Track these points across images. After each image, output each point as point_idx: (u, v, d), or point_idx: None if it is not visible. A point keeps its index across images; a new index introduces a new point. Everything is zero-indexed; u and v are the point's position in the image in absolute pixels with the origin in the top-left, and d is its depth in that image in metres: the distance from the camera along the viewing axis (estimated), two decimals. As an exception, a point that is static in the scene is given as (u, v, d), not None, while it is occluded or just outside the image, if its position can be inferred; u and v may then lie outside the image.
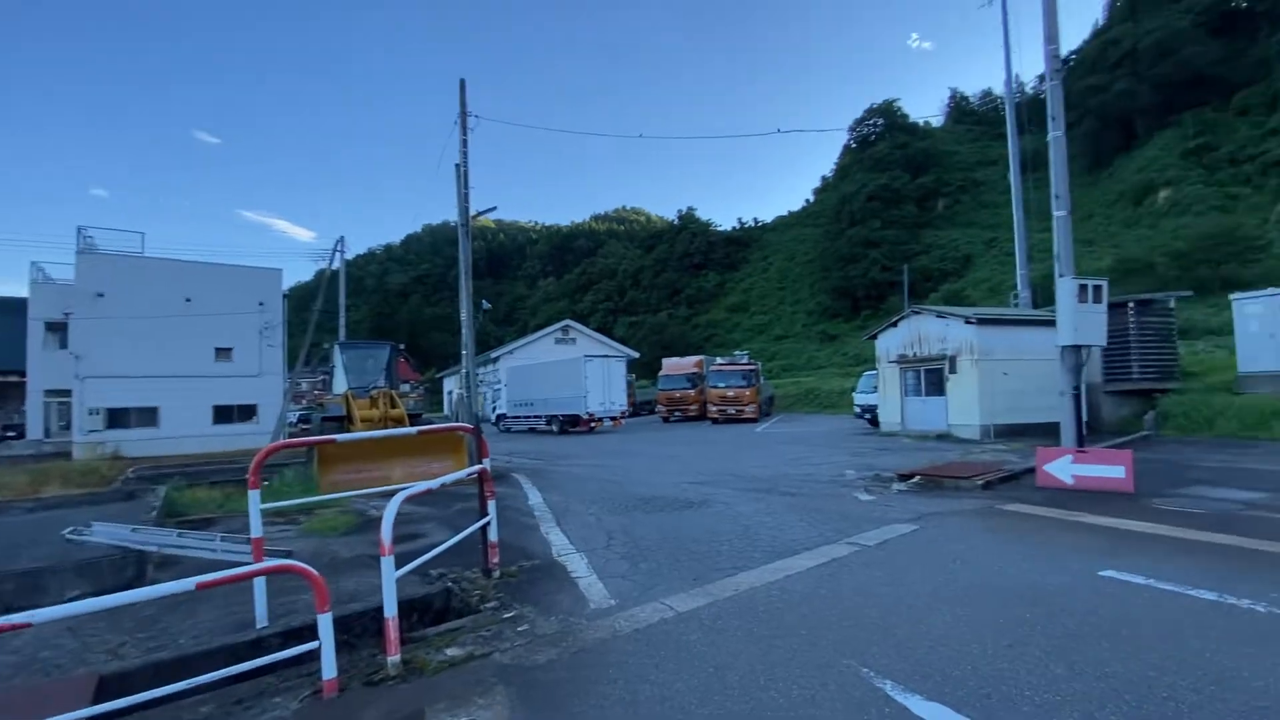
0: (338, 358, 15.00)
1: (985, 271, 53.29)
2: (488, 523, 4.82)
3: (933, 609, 3.91)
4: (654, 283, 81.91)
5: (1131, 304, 15.33)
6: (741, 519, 6.72)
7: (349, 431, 11.56)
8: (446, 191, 19.20)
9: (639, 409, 34.52)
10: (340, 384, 14.38)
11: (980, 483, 7.86)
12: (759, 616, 3.91)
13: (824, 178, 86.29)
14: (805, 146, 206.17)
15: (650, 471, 11.36)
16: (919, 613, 3.86)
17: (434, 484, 4.16)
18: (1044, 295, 20.88)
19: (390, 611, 3.35)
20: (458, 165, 13.80)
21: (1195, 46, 55.65)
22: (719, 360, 27.29)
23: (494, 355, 36.07)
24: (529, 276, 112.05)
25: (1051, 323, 15.65)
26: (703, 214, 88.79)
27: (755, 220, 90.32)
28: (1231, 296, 15.70)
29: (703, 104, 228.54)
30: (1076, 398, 8.15)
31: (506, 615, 4.15)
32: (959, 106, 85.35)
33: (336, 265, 27.58)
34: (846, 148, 77.94)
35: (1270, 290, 15.38)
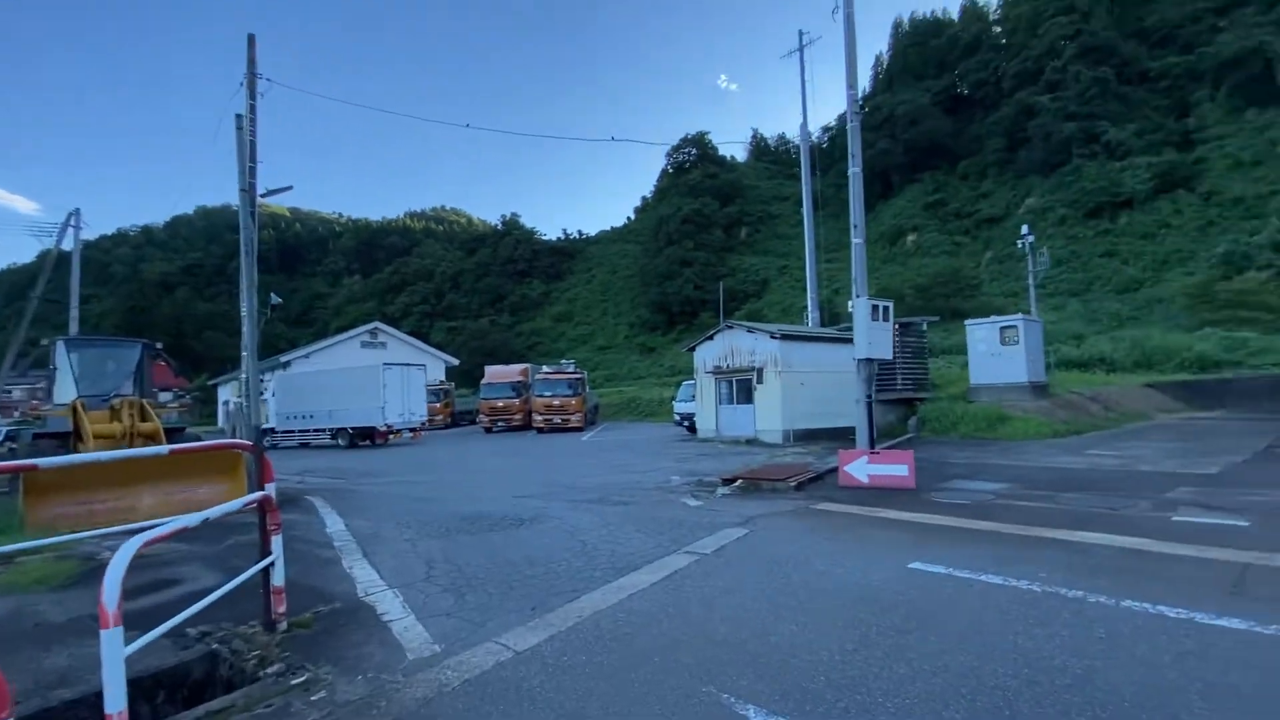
0: (63, 358, 11.74)
1: (779, 295, 59.62)
2: (271, 563, 3.85)
3: (777, 617, 3.89)
4: (475, 287, 78.81)
5: (896, 326, 17.94)
6: (578, 534, 6.35)
7: (78, 451, 9.05)
8: (227, 168, 16.21)
9: (458, 419, 32.58)
10: (66, 391, 11.26)
11: (793, 484, 8.42)
12: (608, 646, 3.56)
13: (644, 198, 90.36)
14: (627, 168, 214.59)
15: (474, 486, 10.52)
16: (765, 622, 3.81)
17: (193, 519, 3.14)
18: (828, 317, 23.78)
19: (115, 705, 2.38)
20: (240, 121, 11.61)
21: (933, 120, 68.35)
22: (545, 369, 26.80)
23: (286, 359, 31.66)
24: (331, 273, 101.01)
25: (839, 340, 17.77)
26: (526, 222, 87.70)
27: (580, 232, 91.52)
28: (966, 322, 19.10)
29: (531, 114, 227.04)
30: (869, 405, 9.15)
31: (296, 681, 3.28)
32: (759, 146, 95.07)
33: (69, 245, 22.10)
34: (664, 172, 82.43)
35: (993, 318, 19.03)
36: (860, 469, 8.42)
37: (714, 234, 67.79)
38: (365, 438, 21.38)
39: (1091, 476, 8.62)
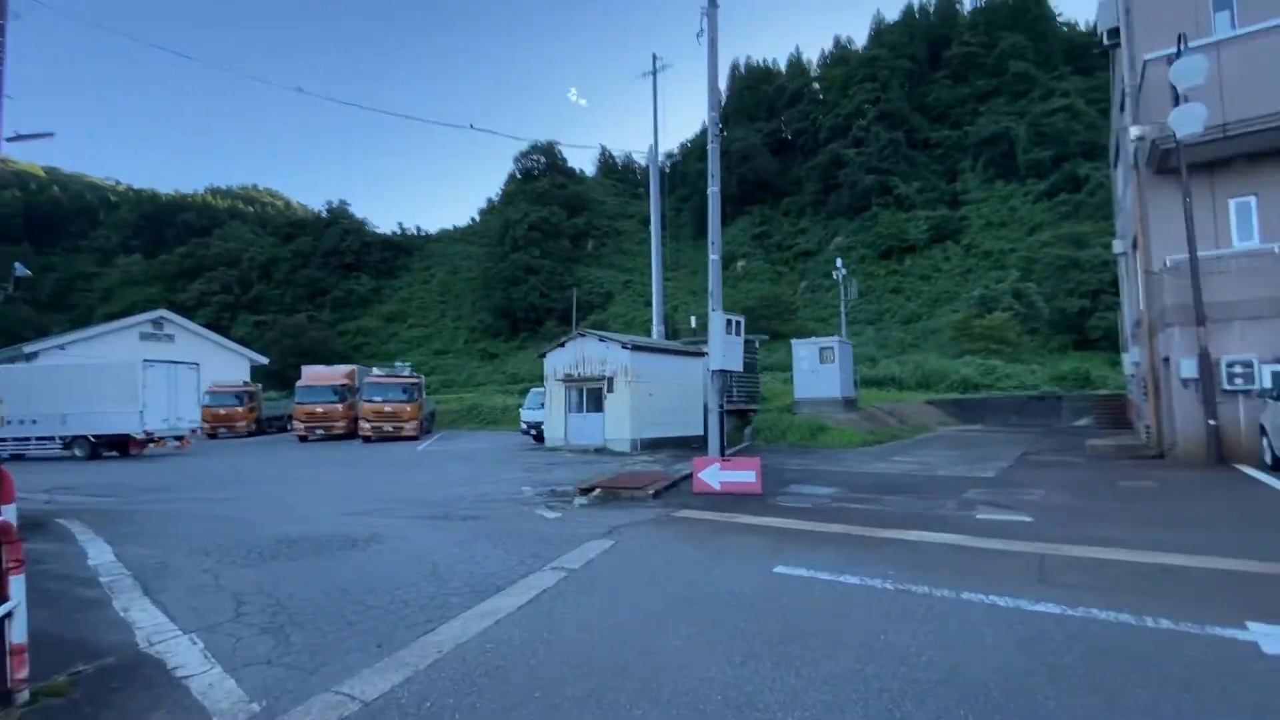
0: None
1: (623, 308, 61.05)
2: (9, 612, 2.82)
3: (660, 633, 3.71)
4: (291, 278, 70.32)
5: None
6: (426, 555, 5.66)
7: None
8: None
9: (264, 425, 28.51)
10: None
11: (652, 492, 8.41)
12: (479, 684, 3.10)
13: (490, 200, 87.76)
14: (472, 167, 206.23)
15: (294, 503, 9.09)
16: (649, 640, 3.60)
17: None
18: (670, 332, 24.70)
19: None
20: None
21: (762, 159, 74.88)
22: (376, 371, 24.43)
23: (32, 350, 25.53)
24: (101, 250, 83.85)
25: (685, 353, 18.46)
26: (356, 211, 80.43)
27: (419, 228, 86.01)
28: (792, 342, 20.92)
29: (372, 98, 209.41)
30: (722, 414, 9.48)
31: (39, 778, 2.38)
32: (606, 163, 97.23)
33: None
34: (512, 176, 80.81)
35: (813, 339, 21.05)
36: (713, 476, 8.65)
37: (561, 243, 67.69)
38: (115, 447, 17.77)
39: (903, 480, 9.74)
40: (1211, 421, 10.15)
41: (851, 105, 72.88)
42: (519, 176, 78.46)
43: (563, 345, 17.20)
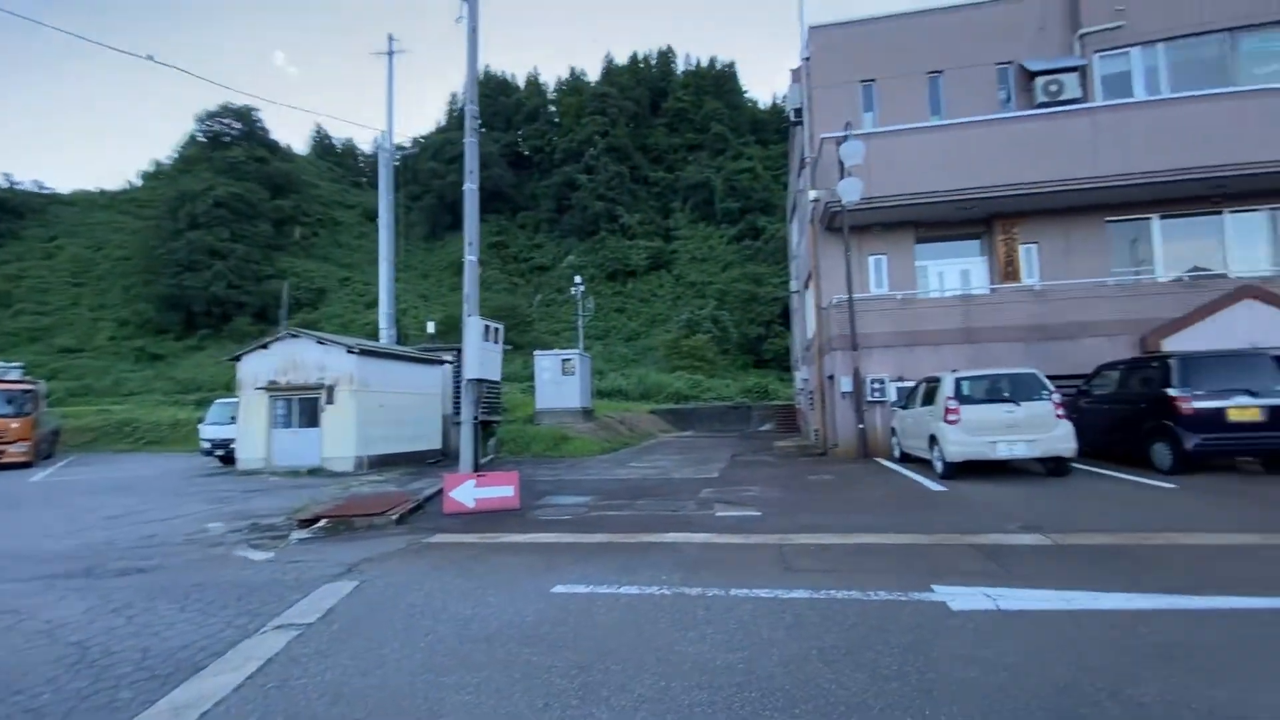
0: None
1: (339, 307, 54.34)
2: None
3: (441, 688, 3.12)
4: None
5: (455, 351, 18.39)
6: (65, 632, 3.96)
7: None
8: None
9: None
10: None
11: (394, 517, 7.37)
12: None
13: (158, 162, 70.17)
14: (132, 119, 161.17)
15: None
16: (431, 700, 3.00)
17: None
18: (400, 335, 22.70)
19: None
20: None
21: (500, 169, 74.58)
22: (-50, 374, 17.19)
23: None
24: None
25: (421, 360, 17.05)
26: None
27: (40, 185, 64.26)
28: (535, 353, 20.98)
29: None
30: (476, 426, 8.85)
31: None
32: (322, 143, 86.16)
33: None
34: (193, 139, 66.06)
35: (556, 351, 21.41)
36: (467, 493, 7.99)
37: (260, 227, 57.32)
38: None
39: (646, 485, 10.34)
40: (860, 426, 13.06)
41: (584, 134, 77.31)
42: (203, 140, 64.47)
43: (266, 347, 14.35)
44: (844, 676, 3.09)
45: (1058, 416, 8.80)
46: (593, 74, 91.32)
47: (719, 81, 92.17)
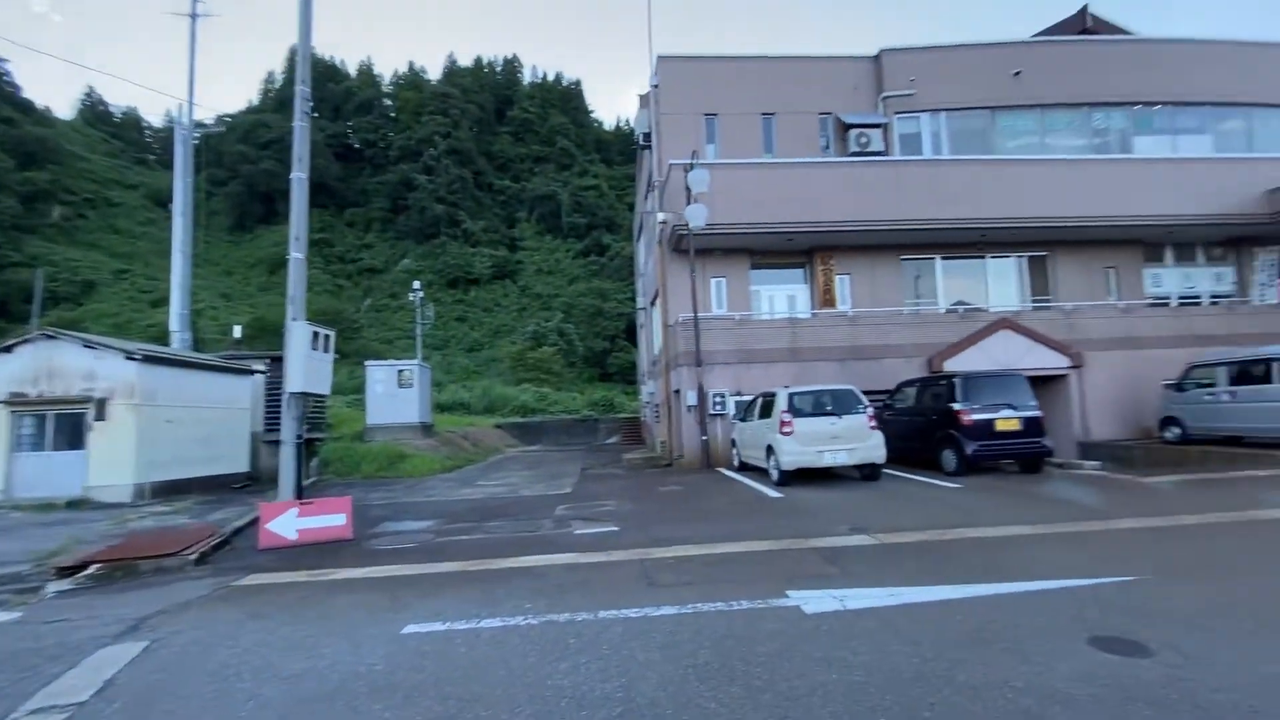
0: None
1: (113, 304, 45.64)
2: None
3: (275, 764, 2.62)
4: None
5: (268, 360, 16.36)
6: None
7: None
8: None
9: None
10: None
11: (192, 556, 6.19)
12: None
13: None
14: None
15: None
16: (261, 782, 2.50)
17: None
18: (195, 340, 19.64)
19: None
20: None
21: (325, 160, 68.13)
22: None
23: None
24: None
25: (222, 369, 14.77)
26: None
27: None
28: (367, 363, 19.24)
29: None
30: (300, 447, 7.80)
31: None
32: (94, 109, 72.30)
33: None
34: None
35: (391, 362, 19.85)
36: (288, 524, 6.98)
37: (5, 202, 46.35)
38: None
39: (496, 505, 9.86)
40: (704, 438, 13.72)
41: (424, 132, 73.50)
42: (-90, 86, 50.90)
43: (9, 350, 11.45)
44: (721, 692, 3.12)
45: (871, 428, 9.97)
46: (433, 72, 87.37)
47: (565, 98, 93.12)
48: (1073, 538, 5.91)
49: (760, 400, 11.34)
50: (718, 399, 13.95)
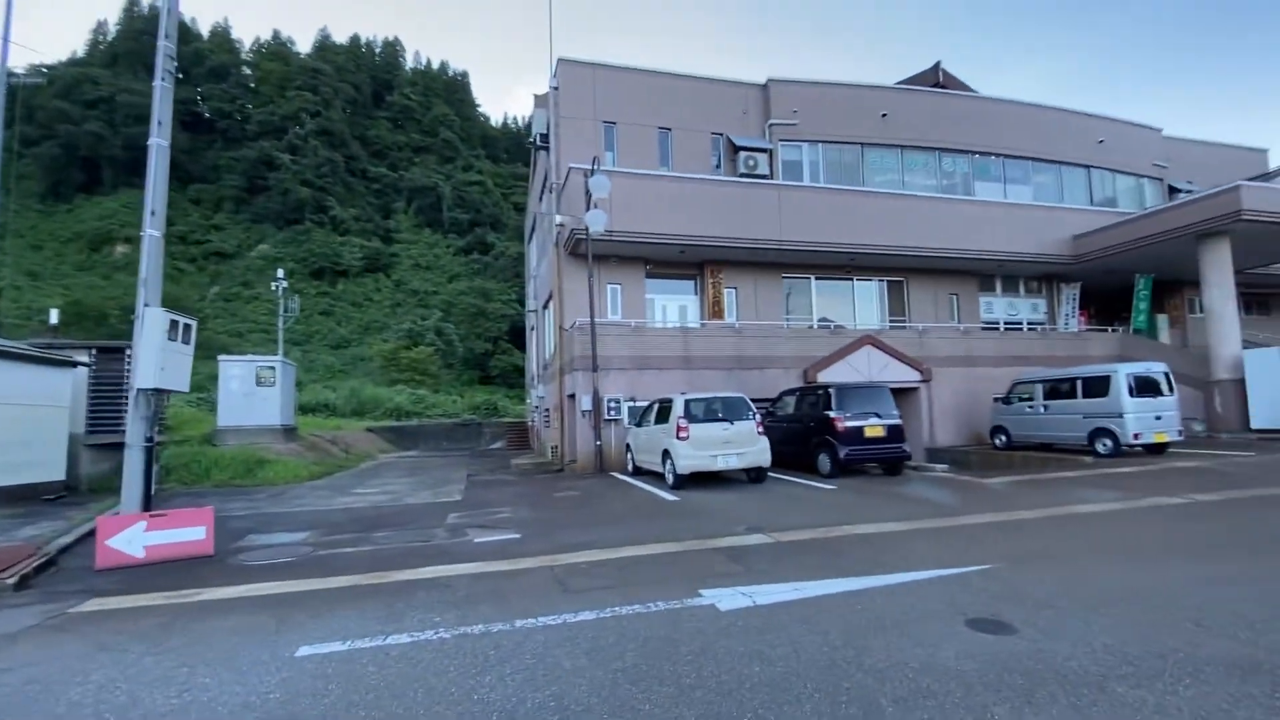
0: None
1: None
2: None
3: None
4: None
5: (127, 351, 14.36)
6: None
7: None
8: None
9: None
10: None
11: (11, 581, 5.17)
12: None
13: None
14: None
15: None
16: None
17: None
18: None
19: None
20: None
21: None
22: None
23: None
24: None
25: (35, 359, 12.54)
26: None
27: None
28: (220, 358, 17.20)
29: None
30: (150, 452, 6.79)
31: None
32: None
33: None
34: None
35: (250, 357, 17.90)
36: (133, 540, 6.05)
37: None
38: None
39: (379, 514, 9.21)
40: (598, 442, 13.76)
41: (289, 108, 67.44)
42: None
43: None
44: (653, 693, 3.17)
45: (759, 433, 10.56)
46: (303, 45, 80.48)
47: (451, 88, 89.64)
48: (936, 532, 6.64)
49: (657, 406, 11.59)
50: (613, 404, 14.06)
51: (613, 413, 14.05)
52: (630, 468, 12.80)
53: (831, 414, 11.21)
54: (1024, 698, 3.00)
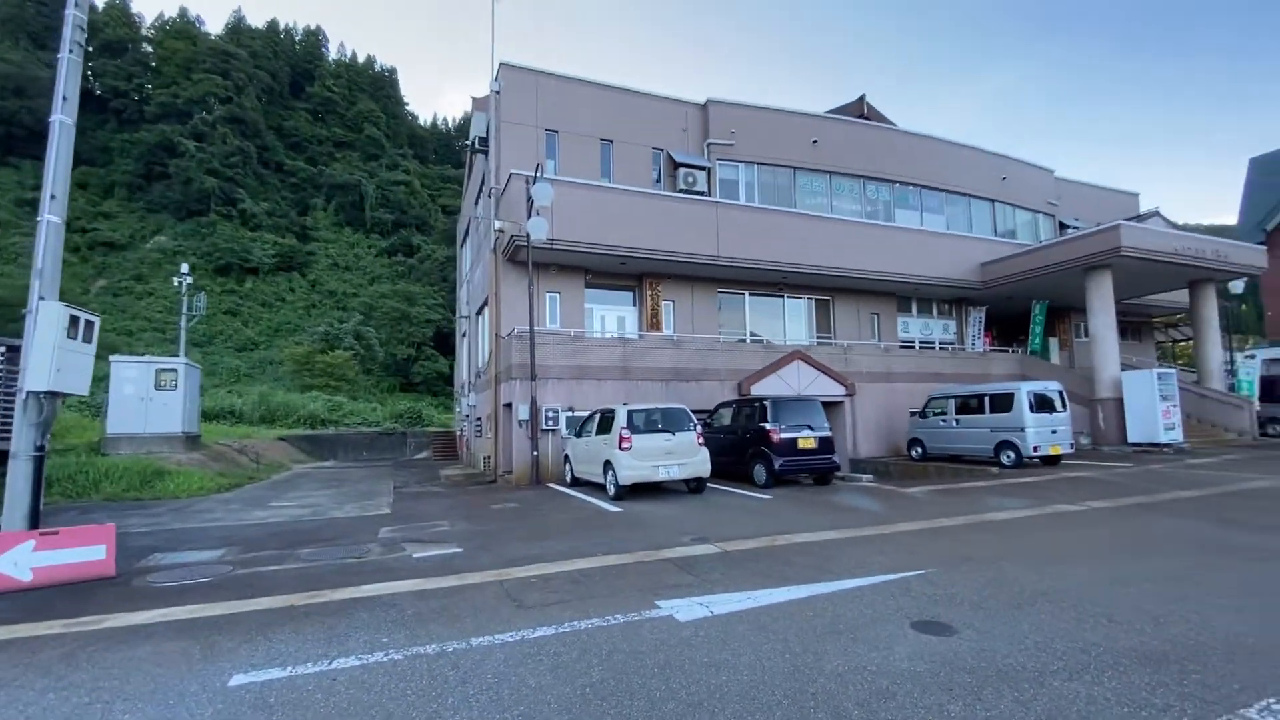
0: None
1: None
2: None
3: None
4: None
5: (3, 348, 12.87)
6: None
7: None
8: None
9: None
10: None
11: None
12: None
13: None
14: None
15: None
16: None
17: None
18: None
19: None
20: None
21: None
22: None
23: None
24: None
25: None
26: None
27: None
28: (112, 359, 15.66)
29: None
30: (40, 462, 6.06)
31: None
32: None
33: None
34: None
35: (148, 358, 16.42)
36: (19, 561, 5.38)
37: None
38: None
39: (302, 529, 8.64)
40: (535, 453, 13.53)
41: (196, 91, 62.89)
42: None
43: None
44: (625, 708, 3.14)
45: (699, 444, 10.73)
46: (213, 25, 75.34)
47: (377, 84, 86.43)
48: (872, 540, 6.97)
49: (598, 416, 11.54)
50: (550, 414, 13.87)
51: (550, 423, 13.86)
52: (569, 479, 12.66)
53: (768, 426, 11.56)
54: (974, 695, 3.20)
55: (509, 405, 14.27)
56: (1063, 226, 25.22)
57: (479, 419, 18.26)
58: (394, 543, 7.48)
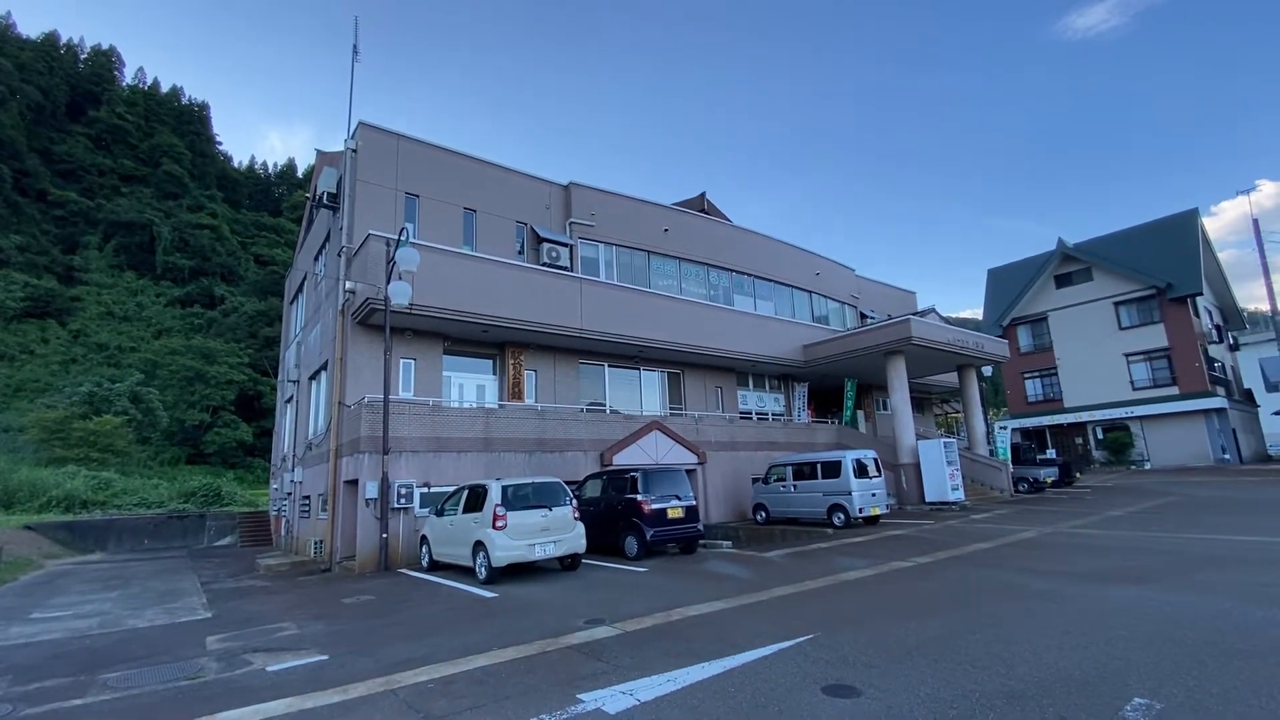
0: None
1: None
2: None
3: None
4: None
5: None
6: None
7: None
8: None
9: None
10: None
11: None
12: None
13: None
14: None
15: None
16: None
17: None
18: None
19: None
20: None
21: None
22: None
23: None
24: None
25: None
26: None
27: None
28: None
29: None
30: None
31: None
32: None
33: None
34: None
35: None
36: None
37: None
38: None
39: (95, 645, 6.92)
40: (384, 535, 12.31)
41: (-73, 95, 51.60)
42: None
43: None
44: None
45: (575, 519, 10.60)
46: (-34, 23, 63.14)
47: (182, 117, 77.64)
48: (756, 608, 7.37)
49: (466, 492, 10.91)
50: (403, 490, 12.79)
51: (403, 500, 12.77)
52: (425, 562, 11.64)
53: (639, 497, 11.79)
54: (900, 751, 3.55)
55: (353, 481, 12.94)
56: (863, 316, 29.72)
57: (306, 497, 16.19)
58: (233, 654, 6.31)
